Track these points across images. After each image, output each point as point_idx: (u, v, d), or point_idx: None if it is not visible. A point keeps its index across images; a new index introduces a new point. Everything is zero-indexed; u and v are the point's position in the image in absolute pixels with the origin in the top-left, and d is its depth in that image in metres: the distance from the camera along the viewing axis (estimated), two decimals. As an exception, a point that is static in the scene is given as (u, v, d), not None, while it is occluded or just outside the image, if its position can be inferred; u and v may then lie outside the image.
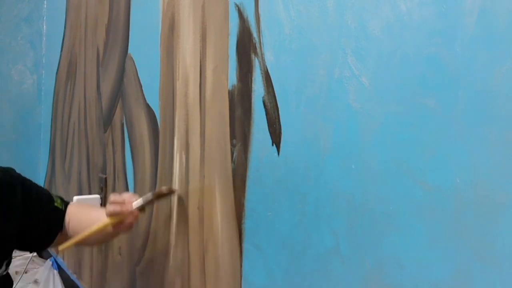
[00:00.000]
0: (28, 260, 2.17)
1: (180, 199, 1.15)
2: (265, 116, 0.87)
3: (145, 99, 1.32)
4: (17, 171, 1.05)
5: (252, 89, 0.90)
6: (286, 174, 0.82)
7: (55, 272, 2.10)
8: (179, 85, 1.15)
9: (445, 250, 0.58)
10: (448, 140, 0.58)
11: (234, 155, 0.96)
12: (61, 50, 2.09)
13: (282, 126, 0.83)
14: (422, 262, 0.61)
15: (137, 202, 1.00)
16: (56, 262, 2.12)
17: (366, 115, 0.68)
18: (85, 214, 1.12)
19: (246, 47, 0.92)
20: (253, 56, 0.90)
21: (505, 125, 0.53)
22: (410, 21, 0.62)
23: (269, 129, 0.86)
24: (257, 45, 0.89)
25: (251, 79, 0.90)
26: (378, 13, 0.66)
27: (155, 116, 1.27)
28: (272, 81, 0.85)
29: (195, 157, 1.09)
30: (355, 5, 0.70)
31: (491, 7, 0.54)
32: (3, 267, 0.97)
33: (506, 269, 0.53)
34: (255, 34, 0.90)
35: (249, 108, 0.91)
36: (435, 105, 0.59)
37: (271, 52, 0.86)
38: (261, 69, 0.88)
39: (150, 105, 1.30)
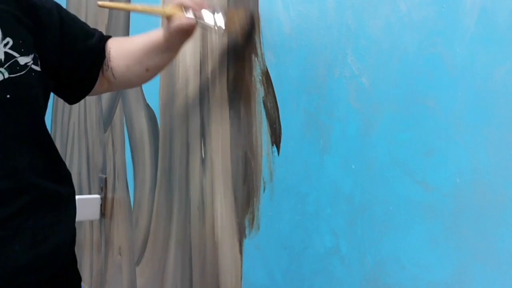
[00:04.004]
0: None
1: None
2: (265, 116, 0.87)
3: (145, 99, 1.32)
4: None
5: (252, 89, 0.90)
6: (286, 174, 0.82)
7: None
8: (179, 85, 1.15)
9: (445, 250, 0.58)
10: (448, 140, 0.58)
11: (235, 155, 0.96)
12: (61, 50, 2.08)
13: (282, 126, 0.83)
14: (422, 262, 0.61)
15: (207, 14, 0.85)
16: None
17: (366, 115, 0.68)
18: (131, 40, 0.96)
19: (246, 47, 0.92)
20: (253, 56, 0.90)
21: (505, 125, 0.53)
22: (410, 21, 0.62)
23: (269, 129, 0.86)
24: (257, 45, 0.89)
25: (251, 79, 0.90)
26: (378, 13, 0.66)
27: (155, 116, 1.27)
28: (272, 81, 0.85)
29: (195, 157, 1.09)
30: (355, 5, 0.70)
31: (491, 7, 0.54)
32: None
33: (506, 269, 0.53)
34: (255, 34, 0.90)
35: (249, 108, 0.91)
36: (435, 105, 0.59)
37: (271, 52, 0.86)
38: (261, 69, 0.88)
39: (150, 105, 1.29)
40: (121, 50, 0.94)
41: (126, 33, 1.44)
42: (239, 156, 0.94)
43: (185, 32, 0.86)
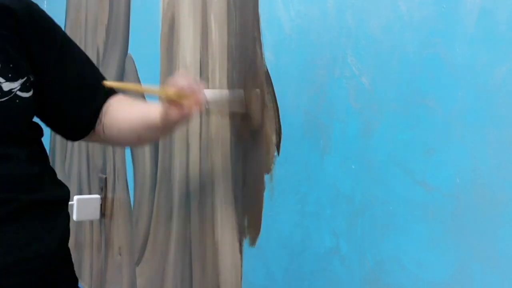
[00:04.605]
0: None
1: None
2: (265, 116, 0.87)
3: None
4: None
5: (252, 89, 0.90)
6: (286, 174, 0.82)
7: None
8: (179, 85, 1.15)
9: (445, 250, 0.58)
10: (448, 140, 0.58)
11: (234, 155, 0.96)
12: (61, 50, 2.08)
13: (282, 126, 0.83)
14: (422, 262, 0.61)
15: (211, 92, 0.78)
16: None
17: (366, 115, 0.68)
18: (130, 105, 0.89)
19: (246, 47, 0.92)
20: (253, 56, 0.90)
21: (505, 125, 0.53)
22: (410, 21, 0.62)
23: (269, 129, 0.86)
24: (257, 45, 0.89)
25: (251, 79, 0.90)
26: (378, 13, 0.66)
27: (155, 116, 1.27)
28: (272, 81, 0.85)
29: (195, 157, 1.09)
30: (355, 5, 0.70)
31: (491, 7, 0.54)
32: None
33: (506, 269, 0.53)
34: (255, 34, 0.90)
35: (249, 108, 0.91)
36: (435, 105, 0.59)
37: (271, 52, 0.86)
38: (261, 69, 0.88)
39: (150, 105, 1.29)
40: (117, 112, 0.90)
41: (126, 32, 1.44)
42: (239, 156, 0.94)
43: (186, 118, 0.79)
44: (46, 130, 0.92)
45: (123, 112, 0.89)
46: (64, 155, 2.03)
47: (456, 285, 0.57)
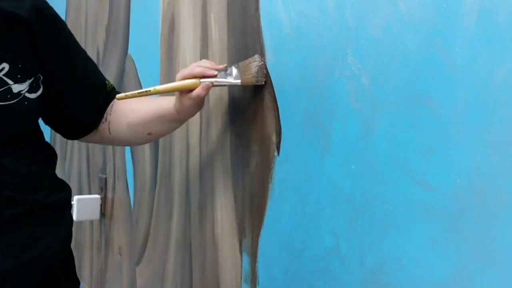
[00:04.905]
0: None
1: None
2: (265, 116, 0.87)
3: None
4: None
5: (252, 89, 0.90)
6: (286, 174, 0.82)
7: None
8: (179, 85, 1.15)
9: (445, 250, 0.58)
10: (448, 140, 0.58)
11: (235, 155, 0.96)
12: (61, 50, 2.09)
13: (282, 126, 0.83)
14: (422, 262, 0.61)
15: (220, 75, 0.84)
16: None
17: (366, 115, 0.68)
18: (139, 100, 0.88)
19: (246, 47, 0.92)
20: (253, 56, 0.90)
21: (505, 125, 0.53)
22: (410, 21, 0.62)
23: (269, 129, 0.86)
24: (257, 45, 0.89)
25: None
26: (378, 13, 0.66)
27: (155, 116, 1.27)
28: (272, 81, 0.85)
29: (195, 157, 1.09)
30: (355, 5, 0.70)
31: (491, 7, 0.54)
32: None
33: (506, 269, 0.53)
34: (255, 34, 0.90)
35: (249, 108, 0.91)
36: (435, 105, 0.59)
37: (271, 52, 0.86)
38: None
39: (150, 105, 1.29)
40: (125, 108, 0.91)
41: (126, 32, 1.44)
42: (239, 156, 0.94)
43: (200, 103, 0.85)
44: (46, 130, 0.92)
45: (131, 107, 0.90)
46: (64, 155, 2.03)
47: (456, 285, 0.57)
